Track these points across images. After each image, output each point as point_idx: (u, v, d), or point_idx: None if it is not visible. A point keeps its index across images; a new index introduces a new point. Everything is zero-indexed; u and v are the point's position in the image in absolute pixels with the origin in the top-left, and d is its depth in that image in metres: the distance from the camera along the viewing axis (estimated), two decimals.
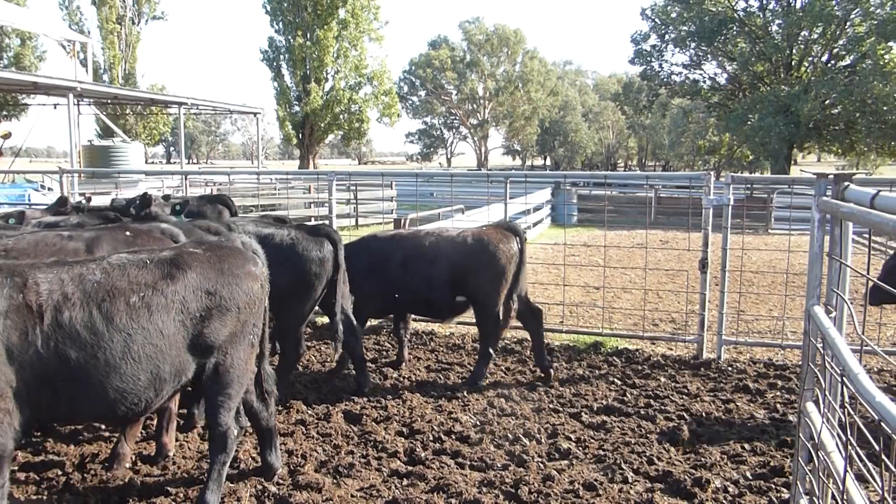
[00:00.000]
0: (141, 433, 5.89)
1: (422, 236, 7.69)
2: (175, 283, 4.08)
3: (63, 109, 25.38)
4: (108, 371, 3.85)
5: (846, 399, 2.74)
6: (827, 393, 3.23)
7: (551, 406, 6.69)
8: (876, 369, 7.71)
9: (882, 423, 2.13)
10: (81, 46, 39.50)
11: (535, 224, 21.68)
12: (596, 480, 5.09)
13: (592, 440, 5.88)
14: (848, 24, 34.33)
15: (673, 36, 40.38)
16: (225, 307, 4.26)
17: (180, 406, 5.97)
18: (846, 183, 3.29)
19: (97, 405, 3.97)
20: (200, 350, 4.22)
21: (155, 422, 6.09)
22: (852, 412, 2.64)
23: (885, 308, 9.19)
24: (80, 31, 46.71)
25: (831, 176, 3.43)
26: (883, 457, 2.19)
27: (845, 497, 2.67)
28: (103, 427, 5.93)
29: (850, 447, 2.59)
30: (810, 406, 3.53)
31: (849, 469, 2.63)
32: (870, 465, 2.52)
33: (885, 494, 2.18)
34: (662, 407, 6.69)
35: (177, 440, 5.74)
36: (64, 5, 48.69)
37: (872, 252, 6.63)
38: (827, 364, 3.16)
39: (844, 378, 2.54)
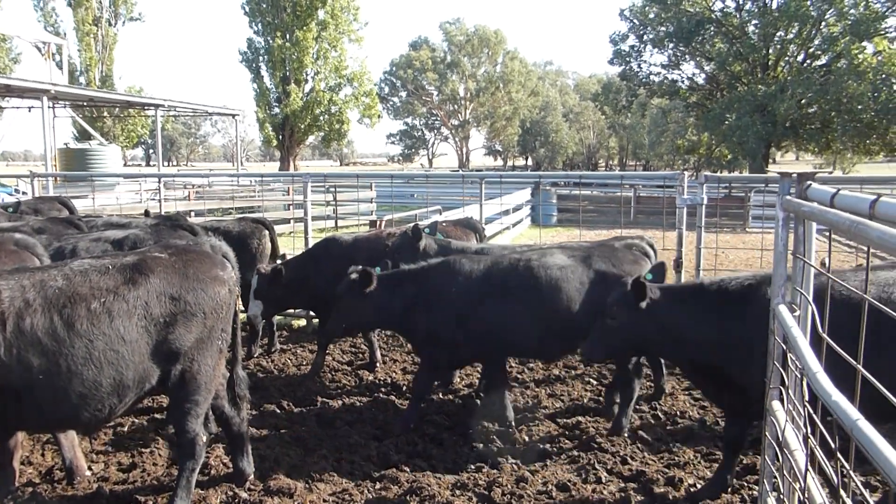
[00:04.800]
0: (111, 440, 5.83)
1: (383, 237, 7.69)
2: (137, 288, 4.03)
3: (38, 112, 25.07)
4: (70, 377, 3.80)
5: (806, 397, 2.75)
6: (791, 391, 3.24)
7: (526, 407, 6.68)
8: None
9: (837, 421, 2.14)
10: (57, 48, 39.03)
11: (514, 224, 21.69)
12: (569, 481, 5.09)
13: (567, 441, 5.88)
14: (823, 23, 34.69)
15: (651, 36, 40.62)
16: (190, 312, 4.20)
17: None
18: (809, 182, 3.30)
19: (60, 412, 3.92)
20: (165, 356, 4.16)
21: (125, 429, 6.04)
22: (812, 411, 2.65)
23: None
24: (56, 32, 46.13)
25: (794, 175, 3.44)
26: (838, 454, 2.20)
27: (806, 495, 2.67)
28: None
29: (810, 444, 2.60)
30: (776, 404, 3.54)
31: (810, 467, 2.64)
32: (828, 462, 2.53)
33: (841, 490, 2.19)
34: (637, 406, 6.69)
35: (146, 447, 5.68)
36: (38, 7, 48.07)
37: (845, 252, 6.69)
38: (790, 362, 3.17)
39: (804, 376, 2.55)
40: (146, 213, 9.42)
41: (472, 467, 5.34)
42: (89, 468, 5.24)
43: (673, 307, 4.88)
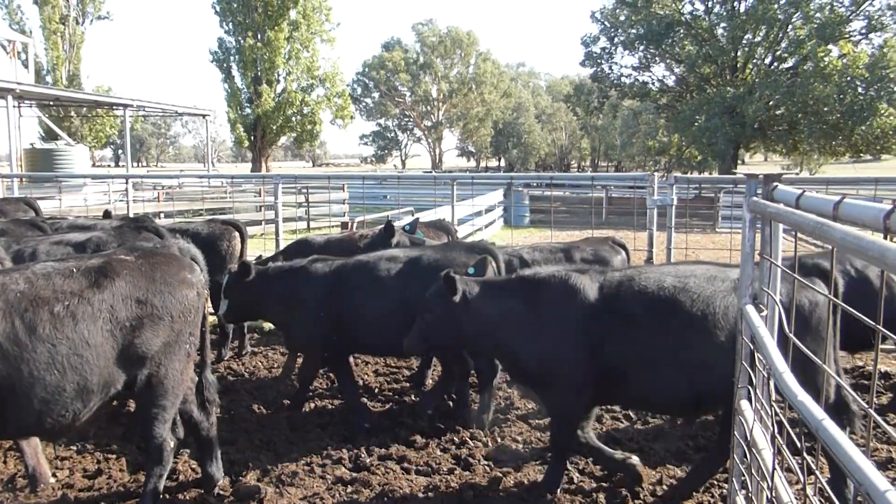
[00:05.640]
0: (76, 446, 5.72)
1: (355, 238, 7.70)
2: (102, 291, 3.95)
3: (3, 112, 24.59)
4: (33, 383, 3.71)
5: (772, 397, 2.77)
6: (759, 391, 3.27)
7: (498, 408, 6.68)
8: None
9: (804, 421, 2.16)
10: (23, 47, 38.28)
11: (486, 225, 21.72)
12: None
13: (539, 442, 5.89)
14: (790, 27, 35.26)
15: (622, 38, 40.98)
16: (157, 316, 4.14)
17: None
18: (775, 184, 3.33)
19: (23, 418, 3.83)
20: (132, 360, 4.09)
21: (91, 434, 5.92)
22: (779, 411, 2.67)
23: None
24: (21, 30, 45.26)
25: (761, 177, 3.47)
26: (804, 454, 2.22)
27: (774, 494, 2.70)
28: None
29: (776, 444, 2.62)
30: (744, 404, 3.57)
31: (777, 466, 2.67)
32: (795, 461, 2.55)
33: (807, 489, 2.21)
34: (609, 407, 6.72)
35: (113, 453, 5.59)
36: (3, 4, 47.11)
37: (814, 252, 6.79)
38: (757, 362, 3.20)
39: (771, 376, 2.57)
40: (106, 214, 9.23)
41: (445, 469, 5.33)
42: (53, 475, 5.14)
43: (483, 300, 5.03)
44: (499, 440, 5.91)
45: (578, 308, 4.69)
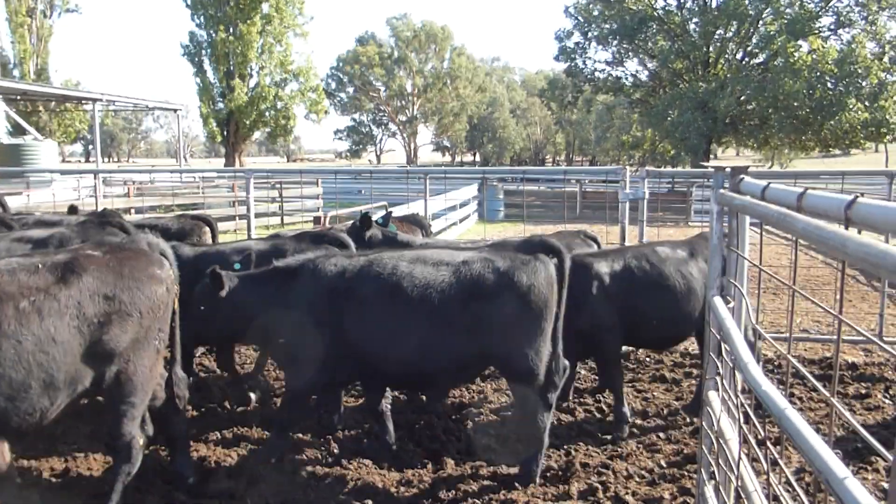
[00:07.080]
0: (43, 445, 5.63)
1: (327, 232, 7.69)
2: (69, 287, 3.89)
3: None
4: None
5: (739, 388, 2.81)
6: (726, 381, 3.31)
7: (471, 402, 6.69)
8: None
9: (767, 410, 2.18)
10: None
11: (461, 220, 21.75)
12: (513, 475, 5.11)
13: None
14: (760, 22, 35.61)
15: (595, 34, 41.08)
16: (125, 312, 4.08)
17: None
18: (741, 176, 3.37)
19: None
20: (100, 357, 4.03)
21: (58, 432, 5.84)
22: (744, 401, 2.70)
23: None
24: None
25: (728, 169, 3.51)
26: (767, 443, 2.24)
27: (740, 482, 2.73)
28: None
29: (742, 433, 2.65)
30: (712, 395, 3.61)
31: (743, 455, 2.70)
32: (759, 450, 2.58)
33: (771, 476, 2.24)
34: (581, 399, 6.78)
35: (80, 451, 5.51)
36: None
37: (783, 244, 6.86)
38: (724, 353, 3.24)
39: (736, 367, 2.60)
40: (72, 210, 9.09)
41: (418, 464, 5.32)
42: (19, 475, 5.05)
43: (242, 292, 5.26)
44: (472, 434, 5.92)
45: (321, 293, 4.97)
